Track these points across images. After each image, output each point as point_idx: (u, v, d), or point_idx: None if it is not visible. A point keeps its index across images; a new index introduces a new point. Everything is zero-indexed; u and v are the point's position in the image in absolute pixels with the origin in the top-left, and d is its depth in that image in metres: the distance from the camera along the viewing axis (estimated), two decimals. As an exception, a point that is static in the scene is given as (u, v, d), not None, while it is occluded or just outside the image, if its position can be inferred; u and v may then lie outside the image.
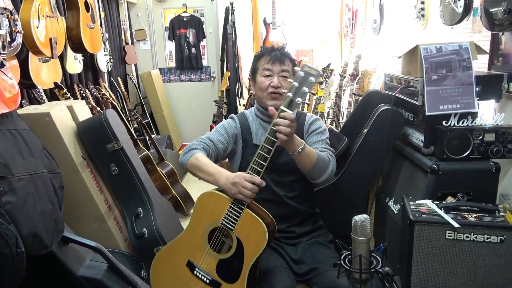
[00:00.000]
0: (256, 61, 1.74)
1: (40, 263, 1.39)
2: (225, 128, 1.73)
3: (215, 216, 1.50)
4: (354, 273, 1.39)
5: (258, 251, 1.45)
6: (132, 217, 2.15)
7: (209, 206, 1.52)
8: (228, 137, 1.71)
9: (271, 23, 5.28)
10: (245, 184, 1.42)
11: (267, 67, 1.67)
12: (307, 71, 1.36)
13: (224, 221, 1.48)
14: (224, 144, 1.70)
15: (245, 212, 1.45)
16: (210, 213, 1.52)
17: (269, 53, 1.70)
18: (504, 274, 1.42)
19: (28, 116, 1.83)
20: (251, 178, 1.43)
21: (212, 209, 1.51)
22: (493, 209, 1.50)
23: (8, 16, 1.94)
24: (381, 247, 1.43)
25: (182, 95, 5.55)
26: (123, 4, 4.93)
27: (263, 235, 1.42)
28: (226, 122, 1.78)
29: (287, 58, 1.69)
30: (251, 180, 1.43)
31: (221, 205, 1.49)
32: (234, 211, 1.46)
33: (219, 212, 1.49)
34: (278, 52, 1.69)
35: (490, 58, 1.97)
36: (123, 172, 2.14)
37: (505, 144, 1.71)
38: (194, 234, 1.55)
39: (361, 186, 2.11)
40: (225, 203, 1.48)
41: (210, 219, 1.52)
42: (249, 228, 1.45)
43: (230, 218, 1.47)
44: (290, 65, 1.69)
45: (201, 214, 1.54)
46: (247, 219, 1.45)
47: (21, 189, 1.26)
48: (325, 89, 3.48)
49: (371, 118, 2.08)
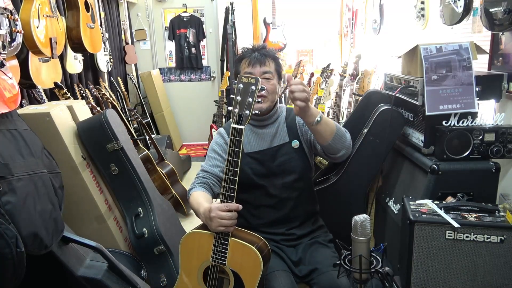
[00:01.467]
0: (237, 64, 1.68)
1: (40, 263, 1.39)
2: (215, 150, 1.71)
3: (204, 255, 1.45)
4: (354, 273, 1.39)
5: (257, 277, 1.40)
6: (132, 217, 2.15)
7: (194, 247, 1.47)
8: (221, 157, 1.69)
9: (271, 23, 5.28)
10: (222, 215, 1.37)
11: (248, 70, 1.61)
12: (245, 81, 1.36)
13: (213, 258, 1.43)
14: (220, 166, 1.67)
15: (231, 242, 1.41)
16: (197, 253, 1.47)
17: (249, 55, 1.63)
18: (504, 274, 1.42)
19: (28, 116, 1.82)
20: (225, 206, 1.39)
21: (198, 249, 1.46)
22: (493, 209, 1.50)
23: (8, 16, 1.94)
24: (381, 247, 1.43)
25: (182, 95, 5.56)
26: (123, 4, 4.93)
27: (257, 260, 1.38)
28: (214, 141, 1.74)
29: (268, 58, 1.63)
30: (226, 209, 1.38)
31: (206, 243, 1.44)
32: (220, 245, 1.42)
33: (207, 250, 1.44)
34: (258, 53, 1.62)
35: (490, 58, 1.97)
36: (123, 172, 2.14)
37: (505, 144, 1.71)
38: (189, 280, 1.50)
39: (361, 186, 2.11)
40: (209, 239, 1.43)
41: (200, 259, 1.47)
42: (241, 257, 1.41)
43: (219, 253, 1.42)
44: (272, 65, 1.63)
45: (189, 257, 1.49)
46: (236, 249, 1.41)
47: (21, 189, 1.26)
48: (325, 89, 3.48)
49: (371, 118, 2.08)
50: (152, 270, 2.11)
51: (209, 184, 1.65)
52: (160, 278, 2.09)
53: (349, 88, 3.60)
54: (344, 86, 3.49)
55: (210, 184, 1.66)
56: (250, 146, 1.69)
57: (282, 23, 5.28)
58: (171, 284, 2.06)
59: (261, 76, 1.60)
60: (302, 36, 5.48)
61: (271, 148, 1.67)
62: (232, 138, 1.39)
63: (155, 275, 2.10)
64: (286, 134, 1.69)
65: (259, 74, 1.60)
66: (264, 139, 1.69)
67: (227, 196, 1.41)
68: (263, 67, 1.61)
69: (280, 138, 1.69)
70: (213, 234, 1.42)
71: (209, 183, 1.66)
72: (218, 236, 1.42)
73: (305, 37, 5.49)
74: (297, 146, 1.67)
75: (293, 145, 1.67)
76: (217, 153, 1.70)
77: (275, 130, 1.70)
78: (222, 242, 1.41)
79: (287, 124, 1.70)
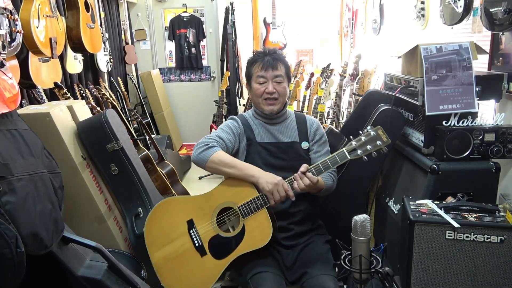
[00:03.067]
0: (250, 67, 1.77)
1: (40, 263, 1.39)
2: (231, 128, 1.77)
3: (236, 198, 1.60)
4: (354, 273, 1.39)
5: (254, 247, 1.55)
6: (132, 217, 2.15)
7: (236, 187, 1.61)
8: (235, 136, 1.75)
9: (271, 23, 5.27)
10: (281, 189, 1.54)
11: (261, 74, 1.72)
12: (379, 134, 1.51)
13: (242, 207, 1.58)
14: (232, 143, 1.74)
15: (263, 210, 1.57)
16: (233, 193, 1.61)
17: (261, 59, 1.73)
18: (504, 274, 1.42)
19: (28, 116, 1.82)
20: (288, 189, 1.55)
21: (237, 191, 1.61)
22: (493, 209, 1.50)
23: (8, 16, 1.94)
24: (381, 247, 1.43)
25: (182, 95, 5.56)
26: (123, 4, 4.93)
27: (267, 236, 1.54)
28: (229, 122, 1.81)
29: (280, 62, 1.73)
30: (287, 189, 1.55)
31: (247, 193, 1.59)
32: (255, 204, 1.57)
33: (242, 198, 1.59)
34: (271, 58, 1.72)
35: (490, 58, 1.97)
36: (123, 172, 2.13)
37: (505, 144, 1.71)
38: (209, 201, 1.64)
39: (361, 186, 2.11)
40: (252, 193, 1.59)
41: (231, 198, 1.61)
42: (258, 225, 1.57)
43: (249, 208, 1.58)
44: (283, 69, 1.73)
45: (226, 190, 1.63)
46: (261, 217, 1.57)
47: (21, 189, 1.26)
48: (325, 89, 3.48)
49: (371, 118, 2.08)
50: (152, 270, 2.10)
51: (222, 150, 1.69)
52: (160, 278, 2.09)
53: (349, 88, 3.60)
54: (344, 86, 3.49)
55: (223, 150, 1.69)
56: (261, 137, 1.76)
57: (282, 23, 5.28)
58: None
59: (273, 80, 1.72)
60: (302, 36, 5.48)
61: (282, 142, 1.76)
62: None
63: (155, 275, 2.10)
64: (296, 135, 1.78)
65: (271, 78, 1.71)
66: (273, 135, 1.77)
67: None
68: (275, 71, 1.71)
69: (290, 137, 1.77)
70: (258, 193, 1.58)
71: (222, 149, 1.69)
72: (261, 198, 1.57)
73: (305, 37, 5.48)
74: (306, 147, 1.78)
75: (303, 146, 1.77)
76: (232, 131, 1.76)
77: (284, 128, 1.79)
78: (258, 204, 1.58)
79: (298, 126, 1.79)
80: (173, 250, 1.65)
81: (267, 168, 1.68)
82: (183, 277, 1.63)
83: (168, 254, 1.66)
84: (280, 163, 1.71)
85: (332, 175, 1.76)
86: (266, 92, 1.71)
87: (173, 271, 1.65)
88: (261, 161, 1.71)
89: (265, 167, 1.69)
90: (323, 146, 1.81)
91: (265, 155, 1.72)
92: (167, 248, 1.66)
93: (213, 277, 1.61)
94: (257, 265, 1.58)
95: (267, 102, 1.73)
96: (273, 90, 1.70)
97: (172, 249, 1.65)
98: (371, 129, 1.53)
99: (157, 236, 1.68)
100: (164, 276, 1.66)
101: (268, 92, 1.71)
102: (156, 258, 1.67)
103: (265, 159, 1.71)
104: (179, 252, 1.64)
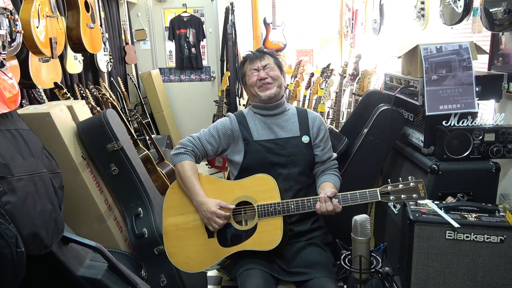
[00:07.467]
0: (242, 67, 1.85)
1: (40, 263, 1.39)
2: (217, 129, 1.80)
3: (257, 196, 1.62)
4: (354, 273, 1.39)
5: (259, 248, 1.56)
6: (132, 217, 2.15)
7: (261, 186, 1.63)
8: (219, 138, 1.79)
9: (271, 23, 5.27)
10: (216, 220, 1.60)
11: (251, 67, 1.79)
12: (418, 188, 1.48)
13: (261, 207, 1.60)
14: (213, 145, 1.79)
15: (279, 217, 1.58)
16: (257, 191, 1.63)
17: (249, 56, 1.83)
18: (504, 274, 1.42)
19: (28, 116, 1.82)
20: (222, 214, 1.60)
21: (261, 190, 1.62)
22: (493, 209, 1.50)
23: (8, 16, 1.94)
24: (381, 247, 1.43)
25: (182, 95, 5.55)
26: (123, 4, 4.93)
27: (273, 243, 1.55)
28: (220, 121, 1.83)
29: (266, 54, 1.82)
30: (222, 216, 1.60)
31: (270, 195, 1.60)
32: (274, 209, 1.59)
33: (263, 198, 1.61)
34: (257, 52, 1.83)
35: (490, 58, 1.97)
36: (123, 172, 2.13)
37: (505, 144, 1.71)
38: (232, 189, 1.67)
39: (361, 186, 2.10)
40: (275, 197, 1.60)
41: (253, 195, 1.63)
42: (270, 229, 1.58)
43: (267, 210, 1.59)
44: (270, 59, 1.80)
45: (252, 185, 1.65)
46: (275, 223, 1.58)
47: (21, 189, 1.25)
48: (325, 89, 3.48)
49: (371, 118, 2.08)
50: (152, 270, 2.10)
51: (198, 155, 1.79)
52: (160, 278, 2.09)
53: (349, 88, 3.60)
54: (344, 86, 3.49)
55: (198, 155, 1.79)
56: (258, 134, 1.77)
57: (282, 23, 5.27)
58: (171, 284, 2.06)
59: (264, 68, 1.77)
60: (302, 36, 5.48)
61: (280, 138, 1.76)
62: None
63: (155, 275, 2.10)
64: (297, 129, 1.78)
65: (261, 67, 1.77)
66: (272, 130, 1.78)
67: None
68: (263, 61, 1.79)
69: (290, 131, 1.78)
70: (281, 200, 1.60)
71: (198, 154, 1.79)
72: (282, 205, 1.58)
73: (305, 37, 5.48)
74: (307, 141, 1.77)
75: (303, 140, 1.77)
76: (218, 133, 1.80)
77: (284, 122, 1.79)
78: (277, 210, 1.58)
79: (299, 120, 1.80)
80: (185, 222, 1.70)
81: (267, 167, 1.70)
82: (185, 249, 1.67)
83: (179, 223, 1.70)
84: (279, 160, 1.72)
85: (337, 176, 1.81)
86: (259, 80, 1.76)
87: (179, 240, 1.69)
88: (260, 160, 1.72)
89: (265, 165, 1.70)
90: (327, 141, 1.83)
91: (264, 154, 1.72)
92: (180, 218, 1.70)
93: (212, 260, 1.64)
94: (248, 262, 1.59)
95: (262, 88, 1.76)
96: (265, 76, 1.75)
97: (184, 220, 1.70)
98: (412, 180, 1.49)
99: (176, 203, 1.73)
100: (169, 241, 1.70)
101: (261, 79, 1.75)
102: (167, 222, 1.72)
103: (264, 158, 1.72)
104: (190, 225, 1.69)
